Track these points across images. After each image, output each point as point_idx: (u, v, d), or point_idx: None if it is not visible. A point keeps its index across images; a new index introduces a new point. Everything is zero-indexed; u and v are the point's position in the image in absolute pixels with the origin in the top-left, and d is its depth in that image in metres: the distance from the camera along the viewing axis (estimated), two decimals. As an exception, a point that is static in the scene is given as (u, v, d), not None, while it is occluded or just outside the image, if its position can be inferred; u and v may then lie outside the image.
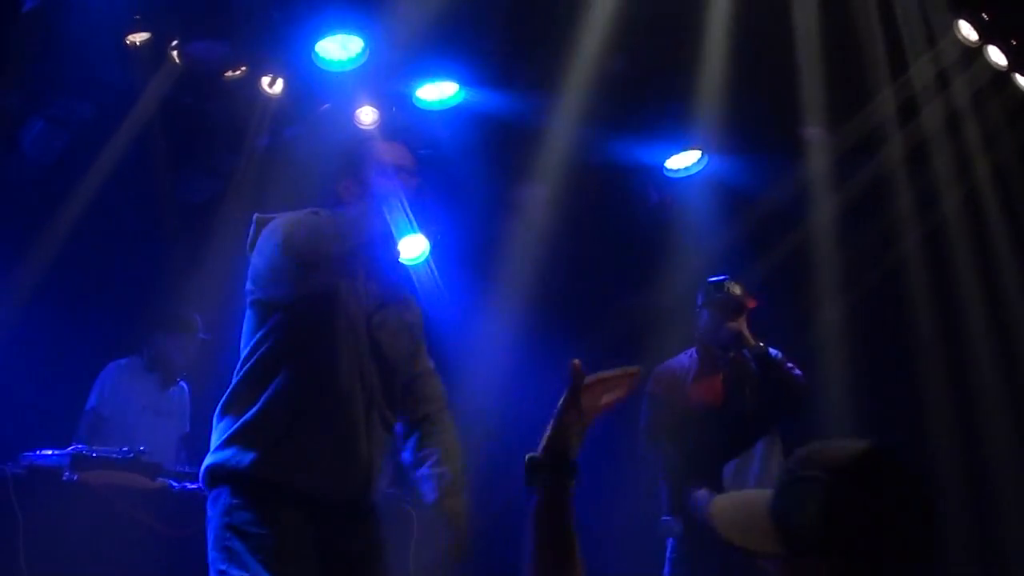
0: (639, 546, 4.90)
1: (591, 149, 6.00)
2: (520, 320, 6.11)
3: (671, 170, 6.39)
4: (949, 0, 5.35)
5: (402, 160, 3.03)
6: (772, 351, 4.35)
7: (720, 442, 4.34)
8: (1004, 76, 5.57)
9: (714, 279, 4.53)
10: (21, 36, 5.11)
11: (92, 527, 4.15)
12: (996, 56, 5.45)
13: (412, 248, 3.04)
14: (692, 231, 6.41)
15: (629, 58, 5.50)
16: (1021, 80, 5.60)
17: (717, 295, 4.46)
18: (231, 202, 6.06)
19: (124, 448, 4.49)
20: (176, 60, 5.51)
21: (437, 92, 5.66)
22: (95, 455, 4.34)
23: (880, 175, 6.05)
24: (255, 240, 2.92)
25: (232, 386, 2.85)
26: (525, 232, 6.13)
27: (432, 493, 2.91)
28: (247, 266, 2.94)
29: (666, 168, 6.38)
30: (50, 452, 4.31)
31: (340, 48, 5.21)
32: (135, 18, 5.32)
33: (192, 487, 4.25)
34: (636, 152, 6.33)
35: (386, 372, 2.93)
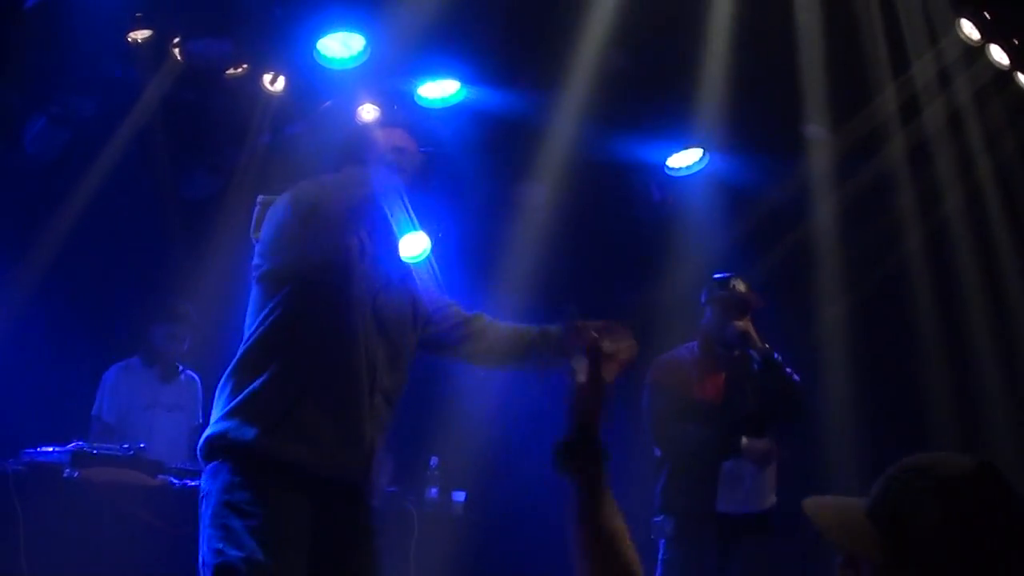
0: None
1: (592, 147, 5.99)
2: (521, 319, 6.09)
3: (673, 168, 6.38)
4: (951, -1, 5.36)
5: (403, 144, 3.03)
6: (775, 355, 4.34)
7: (717, 439, 4.33)
8: (1006, 75, 5.56)
9: (719, 276, 4.51)
10: (23, 33, 5.12)
11: (92, 524, 4.17)
12: (998, 55, 5.44)
13: (413, 246, 3.04)
14: (693, 230, 6.40)
15: (631, 56, 5.50)
16: (1023, 79, 5.59)
17: (722, 292, 4.43)
18: (233, 199, 6.05)
19: (124, 445, 4.50)
20: (178, 57, 5.51)
21: (439, 90, 5.66)
22: (96, 452, 4.36)
23: (882, 174, 6.05)
24: (262, 220, 2.91)
25: (238, 357, 2.83)
26: (526, 230, 6.13)
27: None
28: (253, 247, 2.93)
29: (668, 166, 6.38)
30: (51, 449, 4.32)
31: (342, 46, 5.20)
32: (137, 15, 5.33)
33: (193, 484, 4.24)
34: (638, 150, 6.33)
35: (391, 352, 2.92)
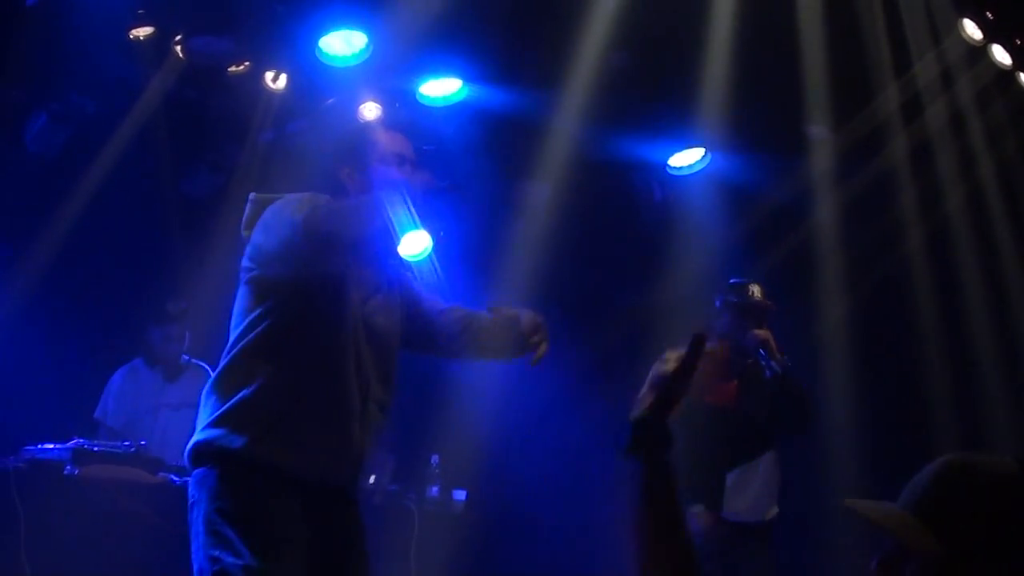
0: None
1: (594, 146, 5.99)
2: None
3: (674, 168, 6.38)
4: (953, -1, 5.35)
5: (403, 150, 3.03)
6: (790, 365, 4.31)
7: (727, 446, 4.31)
8: (1008, 75, 5.55)
9: (735, 281, 4.47)
10: (24, 31, 5.12)
11: (93, 521, 4.16)
12: (1000, 55, 5.44)
13: (415, 244, 3.03)
14: (695, 229, 6.39)
15: (632, 55, 5.50)
16: (1025, 79, 5.59)
17: (739, 299, 4.40)
18: (234, 197, 6.04)
19: (126, 442, 4.49)
20: (179, 55, 5.51)
21: (440, 88, 5.66)
22: (96, 449, 4.35)
23: (884, 173, 6.04)
24: (254, 218, 2.89)
25: (224, 364, 2.80)
26: (527, 229, 6.13)
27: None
28: (244, 244, 2.92)
29: (669, 166, 6.38)
30: (51, 446, 4.32)
31: (344, 43, 5.20)
32: (138, 13, 5.33)
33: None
34: (639, 149, 6.32)
35: (381, 359, 2.91)
